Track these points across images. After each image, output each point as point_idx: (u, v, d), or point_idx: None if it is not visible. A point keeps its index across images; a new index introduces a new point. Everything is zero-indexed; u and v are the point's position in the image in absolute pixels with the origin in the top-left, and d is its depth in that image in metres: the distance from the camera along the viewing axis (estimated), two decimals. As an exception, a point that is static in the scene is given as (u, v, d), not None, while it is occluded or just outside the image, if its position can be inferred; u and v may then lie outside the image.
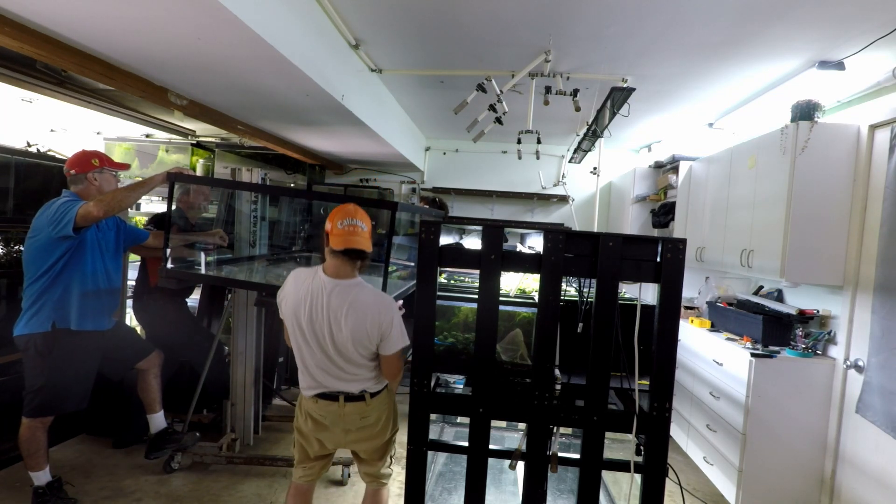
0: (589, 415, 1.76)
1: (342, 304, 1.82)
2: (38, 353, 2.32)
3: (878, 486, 2.40)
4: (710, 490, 3.03)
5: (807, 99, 2.74)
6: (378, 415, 1.98)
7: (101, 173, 2.47)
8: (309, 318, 1.85)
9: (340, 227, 1.82)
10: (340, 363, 1.88)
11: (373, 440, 2.00)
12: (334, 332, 1.83)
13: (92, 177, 2.44)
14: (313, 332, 1.86)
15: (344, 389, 1.90)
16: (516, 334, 2.08)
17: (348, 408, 1.91)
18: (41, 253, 2.32)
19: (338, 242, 1.81)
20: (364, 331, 1.82)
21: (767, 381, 2.63)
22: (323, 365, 1.88)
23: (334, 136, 3.87)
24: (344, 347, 1.85)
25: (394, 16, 2.41)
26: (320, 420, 1.94)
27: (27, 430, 2.36)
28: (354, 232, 1.81)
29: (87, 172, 2.44)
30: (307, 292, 1.86)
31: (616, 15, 2.25)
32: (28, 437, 2.36)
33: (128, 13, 1.76)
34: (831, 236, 2.67)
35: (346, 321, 1.81)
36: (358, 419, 1.93)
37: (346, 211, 1.86)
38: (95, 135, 4.68)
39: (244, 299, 3.07)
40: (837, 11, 2.06)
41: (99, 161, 2.47)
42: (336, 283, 1.85)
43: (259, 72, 2.36)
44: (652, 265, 1.72)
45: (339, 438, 1.97)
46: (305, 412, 1.97)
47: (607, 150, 5.29)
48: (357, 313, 1.82)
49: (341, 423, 1.93)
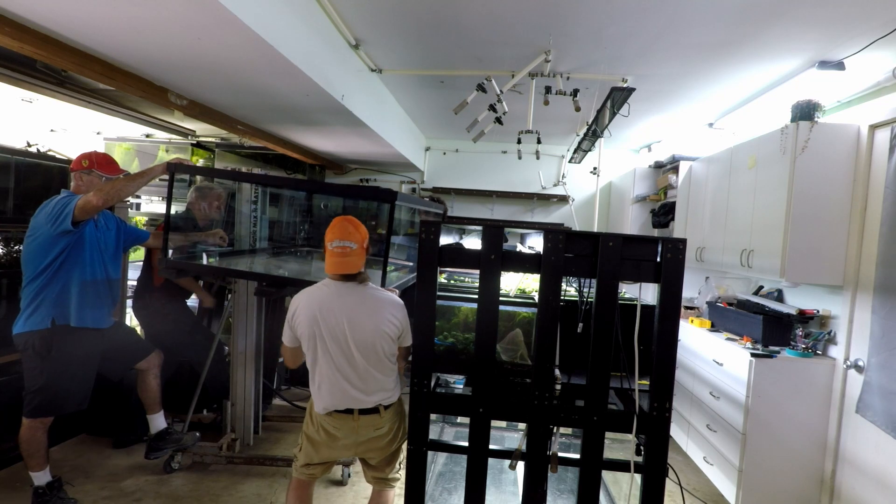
0: (589, 415, 1.76)
1: (357, 302, 1.88)
2: (36, 353, 2.31)
3: (878, 486, 2.40)
4: (710, 490, 3.03)
5: (807, 99, 2.74)
6: (391, 425, 1.99)
7: (89, 174, 2.46)
8: (327, 323, 1.86)
9: (331, 248, 1.88)
10: (362, 367, 1.88)
11: (383, 449, 2.01)
12: (355, 331, 1.86)
13: (78, 176, 2.46)
14: (333, 337, 1.86)
15: (361, 404, 1.91)
16: (516, 334, 2.08)
17: (363, 420, 1.92)
18: (40, 251, 2.32)
19: (329, 266, 1.88)
20: (387, 320, 1.88)
21: (767, 381, 2.63)
22: (345, 372, 1.88)
23: (334, 136, 3.87)
24: (366, 345, 1.87)
25: (394, 16, 2.41)
26: (333, 432, 1.94)
27: (27, 430, 2.36)
28: (344, 253, 1.87)
29: (75, 171, 2.46)
30: (320, 301, 1.88)
31: (616, 15, 2.25)
32: (28, 437, 2.36)
33: (128, 13, 1.76)
34: (831, 236, 2.66)
35: (367, 315, 1.87)
36: (371, 430, 1.95)
37: (339, 230, 1.89)
38: (95, 135, 4.68)
39: (244, 299, 3.07)
40: (837, 11, 2.06)
41: (88, 162, 2.47)
42: (345, 285, 1.91)
43: (259, 72, 2.36)
44: (652, 265, 1.72)
45: (350, 449, 1.98)
46: (318, 424, 1.96)
47: (607, 150, 5.29)
48: (375, 306, 1.89)
49: (354, 436, 1.93)
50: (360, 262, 1.90)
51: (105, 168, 2.51)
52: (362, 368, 1.89)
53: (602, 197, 5.53)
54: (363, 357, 1.88)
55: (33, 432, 2.37)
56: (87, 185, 2.45)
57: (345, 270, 1.87)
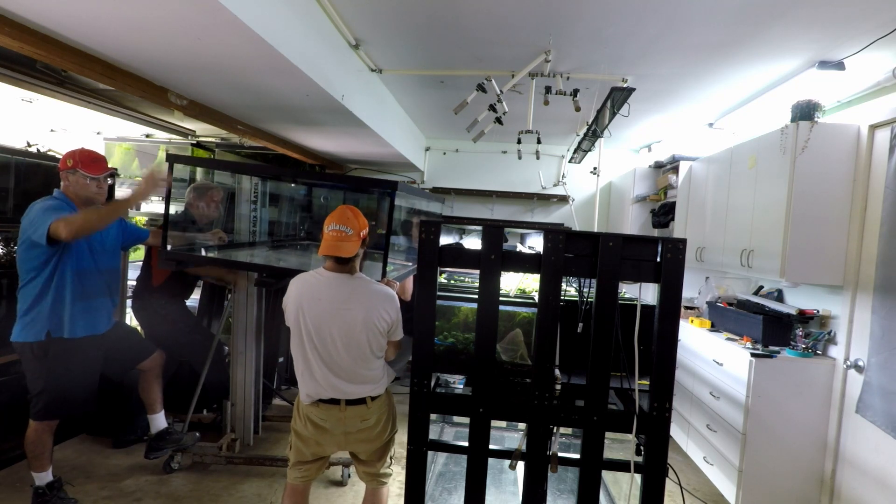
0: (589, 415, 1.76)
1: (349, 295, 1.88)
2: (34, 357, 2.31)
3: (878, 486, 2.40)
4: (710, 490, 3.03)
5: (807, 99, 2.74)
6: (378, 417, 1.99)
7: (73, 174, 2.39)
8: (312, 313, 1.87)
9: (327, 231, 1.90)
10: (346, 361, 1.89)
11: (372, 442, 2.01)
12: (343, 324, 1.86)
13: (64, 175, 2.39)
14: (318, 328, 1.87)
15: (346, 395, 1.91)
16: (516, 334, 2.08)
17: (349, 411, 1.93)
18: (29, 254, 2.29)
19: (323, 247, 1.90)
20: (378, 315, 1.89)
21: (767, 381, 2.63)
22: (328, 362, 1.89)
23: (334, 136, 3.87)
24: (353, 339, 1.87)
25: (394, 16, 2.41)
26: (320, 423, 1.94)
27: (34, 432, 2.36)
28: (339, 237, 1.88)
29: (61, 171, 2.40)
30: (310, 289, 1.90)
31: (616, 15, 2.25)
32: (34, 439, 2.36)
33: (128, 13, 1.76)
34: (831, 236, 2.66)
35: (357, 308, 1.87)
36: (358, 422, 1.95)
37: (338, 215, 1.92)
38: (95, 135, 4.68)
39: (244, 299, 3.07)
40: (837, 11, 2.06)
41: (73, 162, 2.38)
42: (337, 276, 1.92)
43: (259, 72, 2.36)
44: (652, 265, 1.72)
45: (338, 441, 1.98)
46: (304, 416, 1.97)
47: (607, 150, 5.29)
48: (366, 299, 1.90)
49: (341, 427, 1.94)
50: (353, 248, 1.90)
51: (89, 167, 2.41)
52: (346, 361, 1.89)
53: (602, 197, 5.53)
54: (346, 350, 1.88)
55: (40, 434, 2.37)
56: (75, 184, 2.39)
57: (337, 253, 1.87)
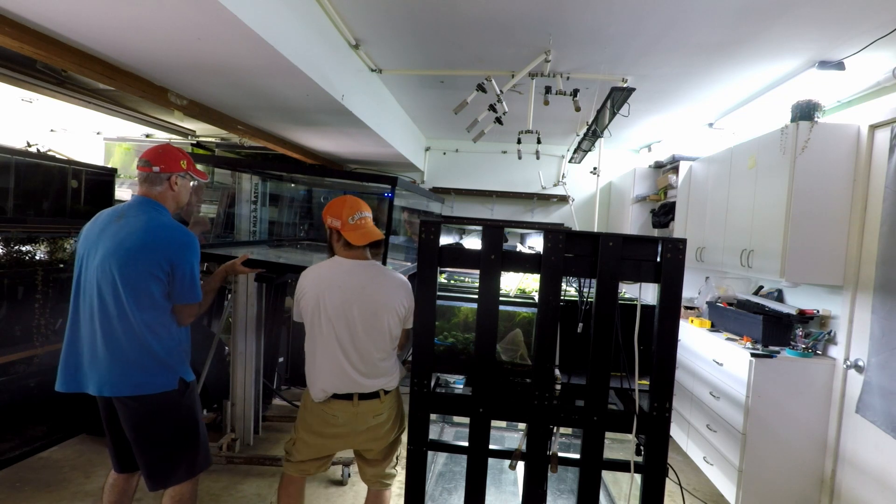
0: (589, 415, 1.76)
1: (370, 279, 1.91)
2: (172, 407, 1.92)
3: (878, 486, 2.40)
4: (710, 490, 3.03)
5: (807, 99, 2.74)
6: (389, 413, 1.98)
7: (184, 178, 1.98)
8: (333, 300, 1.87)
9: (352, 222, 1.93)
10: (365, 347, 1.88)
11: (381, 440, 1.99)
12: (364, 307, 1.87)
13: (174, 180, 1.93)
14: (339, 313, 1.87)
15: (360, 388, 1.90)
16: (516, 334, 2.08)
17: (362, 406, 1.91)
18: (156, 286, 1.82)
19: (357, 238, 1.92)
20: (397, 300, 1.91)
21: (767, 381, 2.63)
22: (347, 351, 1.87)
23: (334, 136, 3.87)
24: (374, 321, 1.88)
25: (394, 16, 2.41)
26: (332, 420, 1.92)
27: (192, 486, 1.97)
28: (367, 224, 1.95)
29: (173, 174, 1.93)
30: (329, 278, 1.91)
31: (616, 15, 2.25)
32: (191, 492, 1.98)
33: (128, 13, 1.76)
34: (831, 236, 2.66)
35: (378, 292, 1.89)
36: (371, 417, 1.93)
37: (352, 205, 1.95)
38: (95, 135, 4.68)
39: (244, 299, 3.07)
40: (837, 11, 2.06)
41: (187, 164, 1.98)
42: (357, 262, 1.95)
43: (259, 72, 2.36)
44: (652, 265, 1.72)
45: (349, 440, 1.96)
46: (315, 414, 1.94)
47: (607, 150, 5.29)
48: (387, 284, 1.93)
49: (353, 423, 1.92)
50: (378, 230, 1.98)
51: (196, 170, 2.05)
52: (365, 348, 1.88)
53: (602, 197, 5.53)
54: (367, 335, 1.88)
55: (194, 486, 1.99)
56: (182, 190, 1.98)
57: (375, 237, 1.95)
